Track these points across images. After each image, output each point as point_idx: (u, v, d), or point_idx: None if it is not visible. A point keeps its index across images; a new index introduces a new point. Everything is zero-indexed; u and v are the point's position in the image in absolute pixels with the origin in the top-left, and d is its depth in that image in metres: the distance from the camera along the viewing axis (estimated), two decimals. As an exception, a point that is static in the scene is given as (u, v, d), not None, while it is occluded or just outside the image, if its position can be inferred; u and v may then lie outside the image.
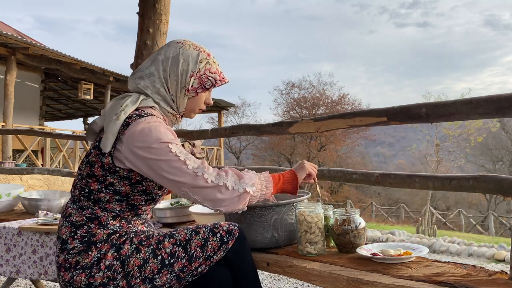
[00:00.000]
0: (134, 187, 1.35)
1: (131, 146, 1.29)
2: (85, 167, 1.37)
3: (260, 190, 1.38)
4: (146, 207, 1.44)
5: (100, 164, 1.33)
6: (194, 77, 1.43)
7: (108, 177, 1.33)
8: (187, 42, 1.47)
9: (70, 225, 1.35)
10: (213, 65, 1.47)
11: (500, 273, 1.23)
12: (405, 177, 1.69)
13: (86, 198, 1.36)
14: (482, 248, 8.35)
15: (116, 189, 1.34)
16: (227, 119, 29.23)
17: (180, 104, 1.45)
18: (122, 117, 1.32)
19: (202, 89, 1.46)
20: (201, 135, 2.96)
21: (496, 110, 1.29)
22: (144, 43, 2.88)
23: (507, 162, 29.58)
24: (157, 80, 1.42)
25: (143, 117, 1.33)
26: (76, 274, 1.30)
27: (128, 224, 1.39)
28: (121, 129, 1.32)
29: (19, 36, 9.23)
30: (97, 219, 1.35)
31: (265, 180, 1.41)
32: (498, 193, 1.40)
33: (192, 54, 1.44)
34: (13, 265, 2.09)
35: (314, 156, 26.50)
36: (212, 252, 1.38)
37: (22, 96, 10.85)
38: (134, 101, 1.38)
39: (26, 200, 2.56)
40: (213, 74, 1.46)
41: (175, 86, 1.43)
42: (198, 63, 1.44)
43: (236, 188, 1.31)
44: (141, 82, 1.43)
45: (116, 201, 1.36)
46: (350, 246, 1.50)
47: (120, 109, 1.34)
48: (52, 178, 8.47)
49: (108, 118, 1.35)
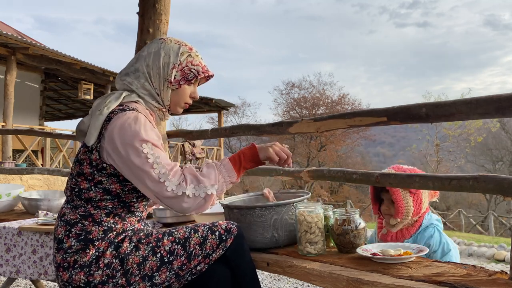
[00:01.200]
0: (124, 185, 1.36)
1: (111, 141, 1.31)
2: (75, 166, 1.40)
3: (223, 183, 1.37)
4: (139, 204, 1.44)
5: (89, 161, 1.35)
6: (176, 69, 1.46)
7: (96, 175, 1.35)
8: (169, 38, 1.51)
9: (64, 224, 1.36)
10: (196, 58, 1.50)
11: (500, 273, 1.23)
12: (405, 177, 1.69)
13: (77, 197, 1.37)
14: (482, 248, 8.35)
15: (105, 188, 1.35)
16: (227, 119, 29.25)
17: (165, 97, 1.47)
18: (105, 112, 1.35)
19: (185, 81, 1.48)
20: (201, 135, 2.96)
21: (496, 110, 1.29)
22: (144, 43, 2.88)
23: (507, 162, 29.57)
24: (141, 75, 1.45)
25: (125, 112, 1.35)
26: (75, 273, 1.31)
27: (122, 221, 1.40)
28: (104, 124, 1.34)
29: (19, 36, 9.23)
30: (90, 216, 1.36)
31: (226, 170, 1.39)
32: (498, 193, 1.40)
33: (173, 48, 1.47)
34: (13, 265, 2.09)
35: (314, 156, 26.51)
36: (211, 250, 1.39)
37: (22, 96, 10.85)
38: (117, 97, 1.41)
39: (26, 200, 2.56)
40: (195, 66, 1.48)
41: (158, 79, 1.45)
42: (180, 55, 1.47)
43: (198, 194, 1.31)
44: (127, 79, 1.47)
45: (108, 199, 1.37)
46: (350, 246, 1.50)
47: (103, 105, 1.37)
48: (52, 178, 8.47)
49: (93, 115, 1.38)
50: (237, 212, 1.61)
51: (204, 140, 14.98)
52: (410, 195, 1.83)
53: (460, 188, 1.51)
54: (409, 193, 1.83)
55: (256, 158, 1.44)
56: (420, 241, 1.86)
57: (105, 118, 1.35)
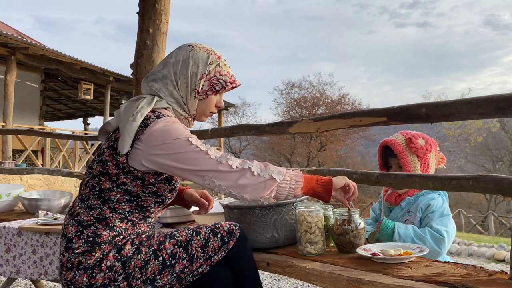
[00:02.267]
0: (146, 187, 1.36)
1: (152, 145, 1.31)
2: (97, 166, 1.38)
3: (289, 182, 1.35)
4: (155, 209, 1.44)
5: (115, 163, 1.34)
6: (204, 79, 1.44)
7: (122, 176, 1.34)
8: (198, 45, 1.48)
9: (77, 224, 1.35)
10: (224, 68, 1.47)
11: (500, 273, 1.23)
12: (405, 177, 1.69)
13: (96, 196, 1.36)
14: (482, 248, 8.34)
15: (127, 189, 1.35)
16: (227, 119, 29.24)
17: (191, 106, 1.46)
18: (138, 119, 1.33)
19: (212, 91, 1.46)
20: (201, 135, 2.96)
21: (496, 110, 1.29)
22: (144, 43, 2.88)
23: (507, 162, 29.56)
24: (169, 82, 1.43)
25: (160, 118, 1.34)
26: (79, 274, 1.30)
27: (133, 227, 1.39)
28: (139, 130, 1.33)
29: (19, 36, 9.23)
30: (104, 220, 1.35)
31: (295, 175, 1.37)
32: (498, 193, 1.40)
33: (202, 57, 1.44)
34: (13, 265, 2.09)
35: (314, 156, 26.50)
36: (213, 252, 1.38)
37: (22, 96, 10.85)
38: (149, 102, 1.39)
39: (26, 200, 2.56)
40: (223, 77, 1.46)
41: (185, 89, 1.43)
42: (208, 65, 1.44)
43: (262, 174, 1.31)
44: (155, 85, 1.44)
45: (126, 201, 1.36)
46: (350, 246, 1.50)
47: (136, 110, 1.35)
48: (52, 178, 8.47)
49: (123, 120, 1.36)
50: (237, 212, 1.61)
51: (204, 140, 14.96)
52: (417, 159, 1.87)
53: (460, 188, 1.51)
54: (417, 157, 1.87)
55: (328, 184, 1.40)
56: (421, 200, 1.90)
57: (140, 124, 1.33)
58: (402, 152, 1.92)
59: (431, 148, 1.96)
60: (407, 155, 1.90)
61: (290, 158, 27.54)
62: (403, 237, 1.76)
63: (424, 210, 1.89)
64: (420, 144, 1.92)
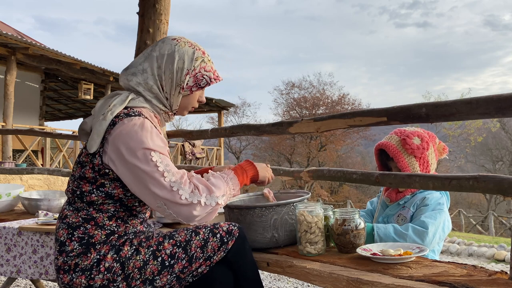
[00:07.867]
0: (127, 190, 1.34)
1: (116, 147, 1.28)
2: (77, 168, 1.37)
3: (229, 194, 1.40)
4: (141, 207, 1.43)
5: (91, 166, 1.33)
6: (189, 75, 1.43)
7: (99, 178, 1.33)
8: (183, 39, 1.46)
9: (66, 227, 1.35)
10: (208, 64, 1.47)
11: (500, 273, 1.23)
12: (405, 177, 1.69)
13: (79, 200, 1.36)
14: (482, 248, 8.34)
15: (108, 192, 1.33)
16: (227, 119, 29.24)
17: (174, 102, 1.45)
18: (108, 118, 1.31)
19: (197, 87, 1.45)
20: (201, 135, 2.96)
21: (496, 110, 1.29)
22: (144, 43, 2.88)
23: (507, 162, 29.55)
24: (150, 77, 1.41)
25: (130, 117, 1.31)
26: (76, 276, 1.30)
27: (125, 224, 1.39)
28: (108, 129, 1.31)
29: (19, 36, 9.23)
30: (93, 219, 1.34)
31: (232, 183, 1.42)
32: (498, 193, 1.40)
33: (188, 52, 1.43)
34: (13, 265, 2.09)
35: (314, 156, 26.51)
36: (212, 252, 1.38)
37: (22, 96, 10.86)
38: (122, 100, 1.36)
39: (26, 200, 2.56)
40: (208, 73, 1.46)
41: (169, 84, 1.42)
42: (194, 61, 1.43)
43: (209, 203, 1.31)
44: (133, 79, 1.42)
45: (110, 202, 1.35)
46: (350, 246, 1.50)
47: (107, 109, 1.33)
48: (52, 178, 8.48)
49: (95, 118, 1.35)
50: (237, 212, 1.61)
51: (204, 140, 14.99)
52: (415, 159, 1.83)
53: (460, 188, 1.51)
54: (414, 158, 1.82)
55: (255, 178, 1.54)
56: (418, 194, 1.87)
57: (109, 123, 1.31)
58: (398, 155, 1.87)
59: (428, 146, 1.91)
60: (403, 157, 1.85)
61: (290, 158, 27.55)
62: (383, 237, 1.73)
63: (419, 204, 1.87)
64: (415, 144, 1.88)
